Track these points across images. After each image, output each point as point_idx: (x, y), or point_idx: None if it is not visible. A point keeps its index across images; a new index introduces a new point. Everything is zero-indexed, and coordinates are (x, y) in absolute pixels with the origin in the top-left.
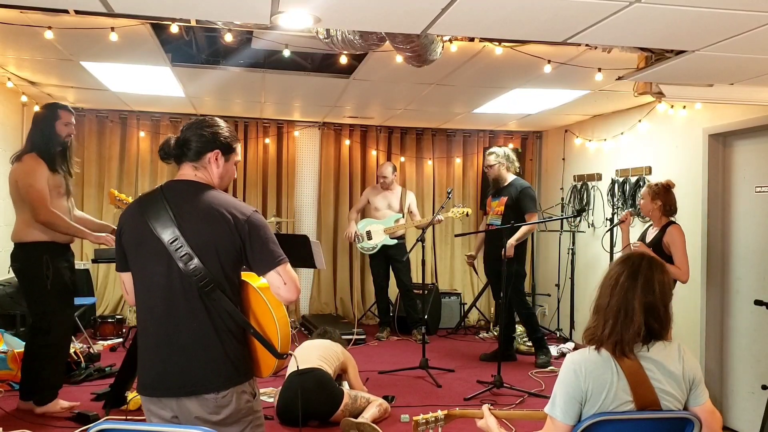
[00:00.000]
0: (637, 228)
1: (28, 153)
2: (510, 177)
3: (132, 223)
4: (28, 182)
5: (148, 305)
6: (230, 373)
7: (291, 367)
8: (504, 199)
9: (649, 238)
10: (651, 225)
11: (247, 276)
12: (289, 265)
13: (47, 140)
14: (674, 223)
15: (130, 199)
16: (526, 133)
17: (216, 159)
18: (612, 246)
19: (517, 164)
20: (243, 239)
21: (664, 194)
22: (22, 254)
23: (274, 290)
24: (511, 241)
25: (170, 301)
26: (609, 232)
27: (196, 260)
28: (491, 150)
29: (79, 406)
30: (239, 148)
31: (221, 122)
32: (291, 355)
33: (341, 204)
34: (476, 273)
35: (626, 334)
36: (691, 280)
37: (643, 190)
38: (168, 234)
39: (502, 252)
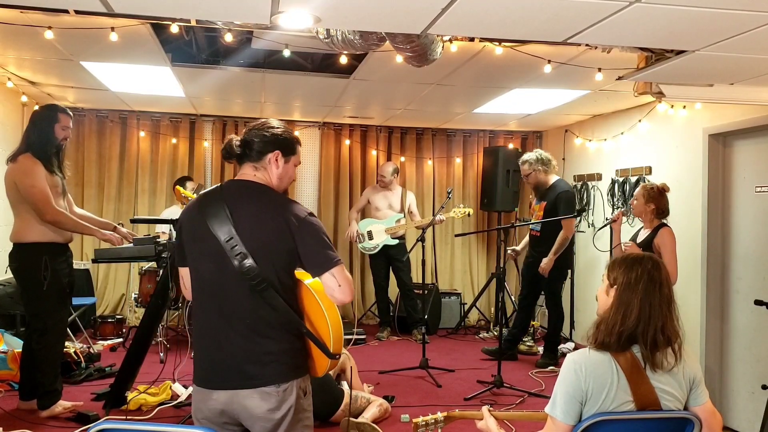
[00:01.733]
0: (627, 228)
1: (23, 153)
2: (552, 179)
3: (190, 219)
4: (29, 182)
5: (203, 300)
6: (288, 367)
7: None
8: (544, 204)
9: (640, 239)
10: (642, 226)
11: (301, 274)
12: (343, 266)
13: (44, 141)
14: (666, 225)
15: (194, 196)
16: (526, 133)
17: (276, 159)
18: (611, 245)
19: (554, 163)
20: (297, 241)
21: (658, 198)
22: (21, 254)
23: (329, 292)
24: (548, 259)
25: (225, 297)
26: (600, 230)
27: (250, 260)
28: (522, 159)
29: (81, 406)
30: (299, 150)
31: (282, 125)
32: (340, 356)
33: (341, 204)
34: (517, 268)
35: (658, 345)
36: (691, 280)
37: (638, 190)
38: (224, 233)
39: (540, 267)
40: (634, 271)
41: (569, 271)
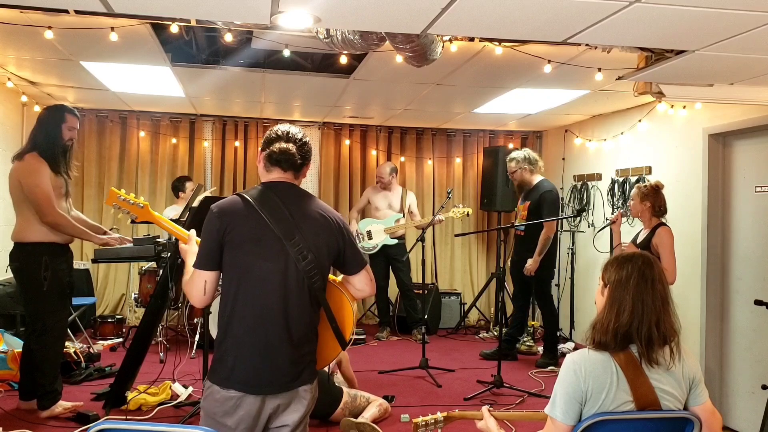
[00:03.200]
0: (628, 229)
1: (29, 152)
2: (536, 179)
3: (245, 220)
4: (33, 182)
5: (261, 303)
6: (314, 366)
7: None
8: (528, 203)
9: (639, 240)
10: (643, 227)
11: None
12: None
13: (51, 142)
14: (664, 224)
15: (141, 200)
16: (526, 133)
17: (307, 171)
18: (611, 246)
19: (541, 163)
20: (344, 242)
21: (653, 195)
22: (22, 254)
23: (361, 286)
24: (533, 260)
25: (285, 298)
26: (601, 232)
27: (311, 258)
28: (510, 156)
29: (81, 406)
30: None
31: (302, 132)
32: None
33: (341, 204)
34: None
35: (653, 342)
36: (691, 280)
37: (633, 191)
38: (287, 233)
39: (525, 267)
40: (625, 269)
41: (556, 271)
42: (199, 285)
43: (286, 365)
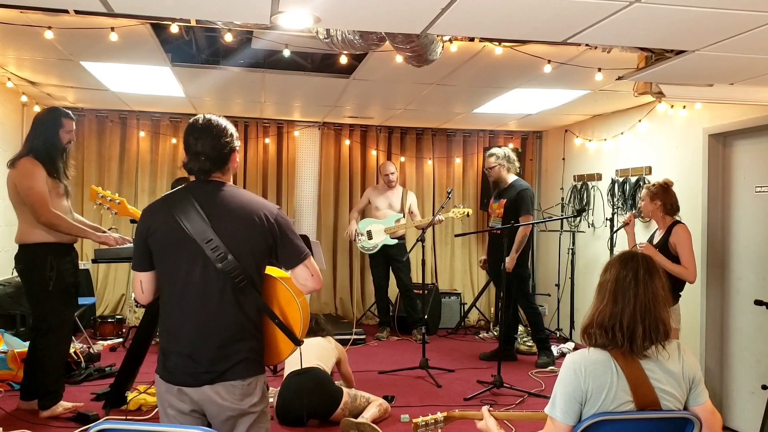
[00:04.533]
0: (640, 231)
1: (24, 157)
2: (511, 178)
3: (163, 223)
4: (27, 184)
5: (182, 303)
6: (254, 364)
7: (289, 367)
8: (503, 201)
9: (655, 240)
10: (658, 228)
11: (268, 269)
12: (312, 257)
13: (49, 146)
14: (680, 222)
15: (116, 196)
16: (526, 133)
17: (236, 159)
18: (612, 248)
19: (517, 164)
20: (275, 237)
21: (663, 193)
22: (26, 255)
23: (303, 281)
24: (510, 258)
25: (205, 298)
26: (614, 234)
27: (231, 258)
28: (491, 151)
29: (82, 407)
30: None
31: (222, 122)
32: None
33: (341, 204)
34: (489, 277)
35: (635, 334)
36: None
37: (642, 191)
38: (202, 234)
39: (503, 264)
40: (608, 270)
41: (530, 272)
42: (136, 285)
43: (206, 363)
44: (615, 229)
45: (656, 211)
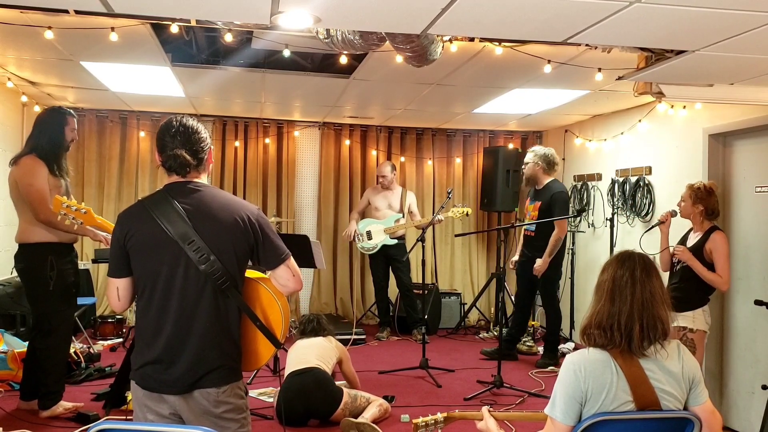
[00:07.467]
0: (640, 230)
1: (26, 155)
2: (546, 180)
3: (142, 226)
4: (27, 182)
5: (161, 306)
6: (229, 371)
7: (290, 368)
8: (538, 203)
9: (690, 243)
10: (692, 228)
11: (247, 272)
12: (292, 258)
13: (54, 144)
14: (718, 228)
15: (82, 206)
16: (526, 133)
17: (211, 158)
18: (612, 247)
19: (556, 167)
20: (256, 238)
21: (707, 198)
22: (26, 255)
23: (283, 282)
24: (543, 261)
25: (185, 301)
26: (648, 231)
27: (213, 259)
28: (531, 148)
29: (82, 407)
30: None
31: (196, 123)
32: (284, 348)
33: (341, 204)
34: (518, 278)
35: (633, 333)
36: None
37: (684, 192)
38: (184, 236)
39: (534, 268)
40: (606, 270)
41: (563, 271)
42: (112, 292)
43: (182, 370)
44: (649, 227)
45: (696, 215)
